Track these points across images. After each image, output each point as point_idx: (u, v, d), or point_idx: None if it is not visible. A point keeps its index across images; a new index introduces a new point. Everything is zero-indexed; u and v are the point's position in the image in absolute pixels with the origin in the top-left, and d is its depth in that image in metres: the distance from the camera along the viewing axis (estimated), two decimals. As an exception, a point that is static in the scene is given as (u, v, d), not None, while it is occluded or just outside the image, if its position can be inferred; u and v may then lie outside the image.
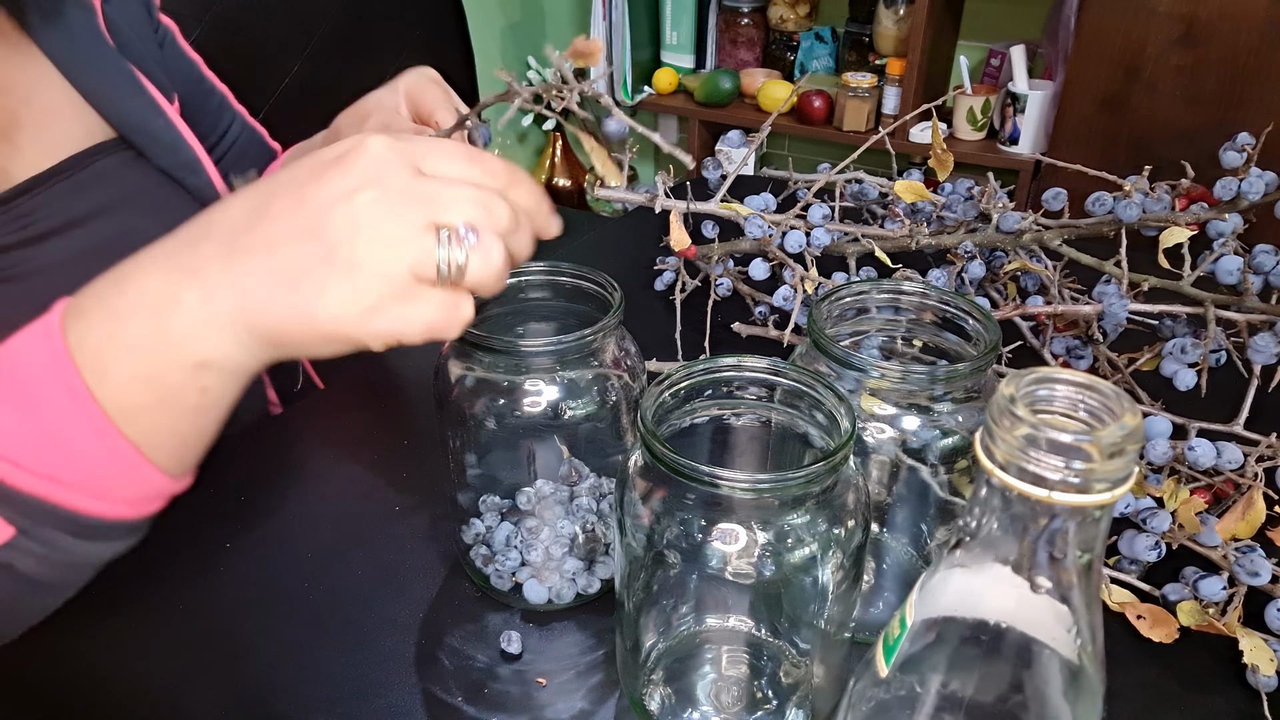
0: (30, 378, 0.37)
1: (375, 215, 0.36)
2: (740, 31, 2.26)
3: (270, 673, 0.50)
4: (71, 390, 0.36)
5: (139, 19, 0.69)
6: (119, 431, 0.37)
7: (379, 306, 0.36)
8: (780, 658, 0.48)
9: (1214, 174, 0.60)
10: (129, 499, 0.39)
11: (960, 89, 1.92)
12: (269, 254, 0.36)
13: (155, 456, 0.38)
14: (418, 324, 0.37)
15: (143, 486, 0.39)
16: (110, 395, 0.37)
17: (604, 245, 1.02)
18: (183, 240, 0.38)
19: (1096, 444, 0.24)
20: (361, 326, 0.36)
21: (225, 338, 0.37)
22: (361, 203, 0.36)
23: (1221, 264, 0.58)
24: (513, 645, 0.51)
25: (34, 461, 0.37)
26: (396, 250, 0.36)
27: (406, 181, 0.37)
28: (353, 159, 0.37)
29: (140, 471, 0.38)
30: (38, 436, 0.37)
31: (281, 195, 0.37)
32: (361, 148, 0.37)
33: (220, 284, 0.36)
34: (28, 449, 0.36)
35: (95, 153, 0.62)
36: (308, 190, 0.37)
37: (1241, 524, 0.52)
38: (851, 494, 0.40)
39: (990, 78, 2.02)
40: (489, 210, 0.38)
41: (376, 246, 0.36)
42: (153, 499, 0.40)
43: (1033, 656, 0.29)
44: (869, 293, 0.52)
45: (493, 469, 0.54)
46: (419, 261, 0.36)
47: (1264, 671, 0.47)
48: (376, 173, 0.37)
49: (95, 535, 0.39)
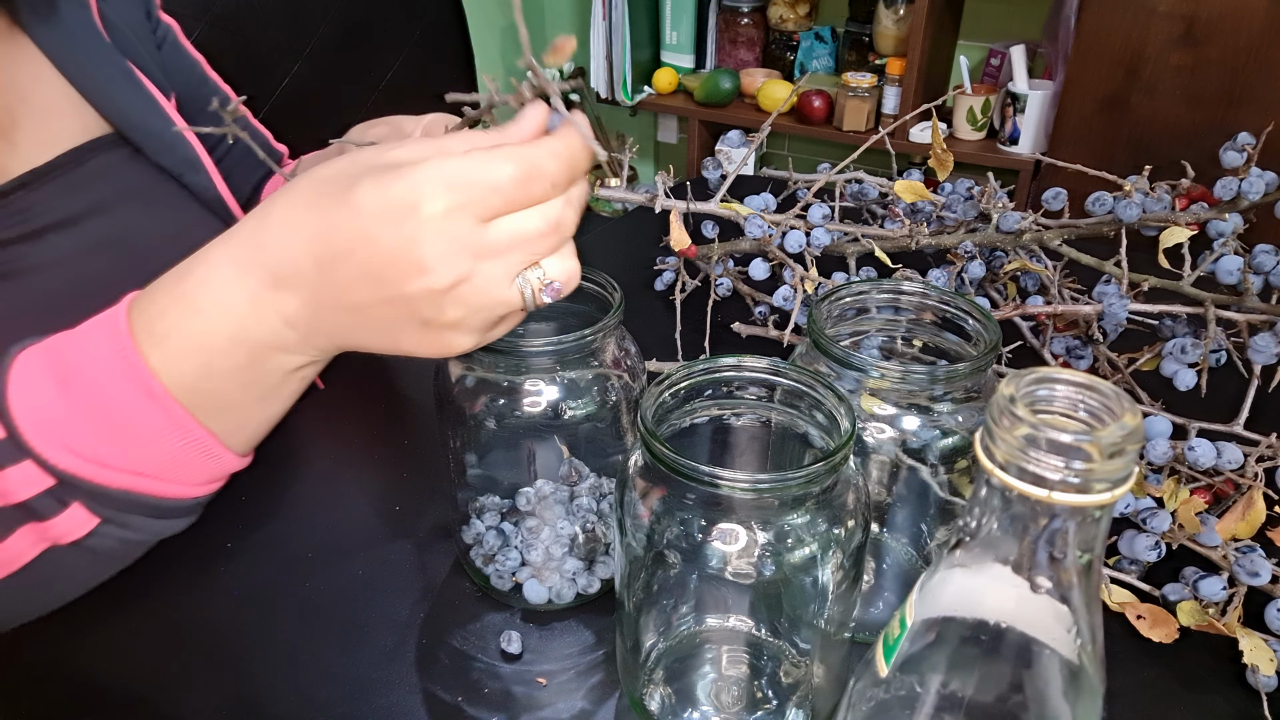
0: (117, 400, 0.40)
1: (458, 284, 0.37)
2: (740, 31, 2.26)
3: (270, 672, 0.50)
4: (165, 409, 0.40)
5: (136, 17, 0.69)
6: (209, 432, 0.41)
7: (474, 345, 0.41)
8: (780, 658, 0.48)
9: (1214, 174, 0.60)
10: (202, 481, 0.44)
11: (960, 89, 1.92)
12: (358, 317, 0.39)
13: (234, 442, 0.43)
14: (497, 335, 0.42)
15: (216, 469, 0.44)
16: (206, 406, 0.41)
17: (604, 245, 1.02)
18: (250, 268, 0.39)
19: (1096, 444, 0.24)
20: (455, 353, 0.41)
21: (319, 357, 0.42)
22: (443, 273, 0.37)
23: (1221, 264, 0.58)
24: (513, 645, 0.51)
25: (119, 459, 0.40)
26: (490, 309, 0.39)
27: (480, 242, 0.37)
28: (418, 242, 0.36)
29: (217, 456, 0.43)
30: (120, 438, 0.40)
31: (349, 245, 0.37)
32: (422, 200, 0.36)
33: (314, 326, 0.40)
34: (113, 449, 0.40)
35: (92, 149, 0.61)
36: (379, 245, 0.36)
37: (1241, 524, 0.52)
38: (851, 494, 0.40)
39: (990, 78, 2.02)
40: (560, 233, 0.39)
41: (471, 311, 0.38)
42: (220, 478, 0.45)
43: (1033, 656, 0.29)
44: (869, 293, 0.52)
45: (493, 469, 0.54)
46: (505, 307, 0.39)
47: (1264, 671, 0.47)
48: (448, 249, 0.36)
49: (170, 514, 0.44)
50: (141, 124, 0.64)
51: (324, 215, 0.38)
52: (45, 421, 0.40)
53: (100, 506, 0.41)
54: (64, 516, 0.41)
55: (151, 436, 0.40)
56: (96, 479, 0.40)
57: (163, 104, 0.66)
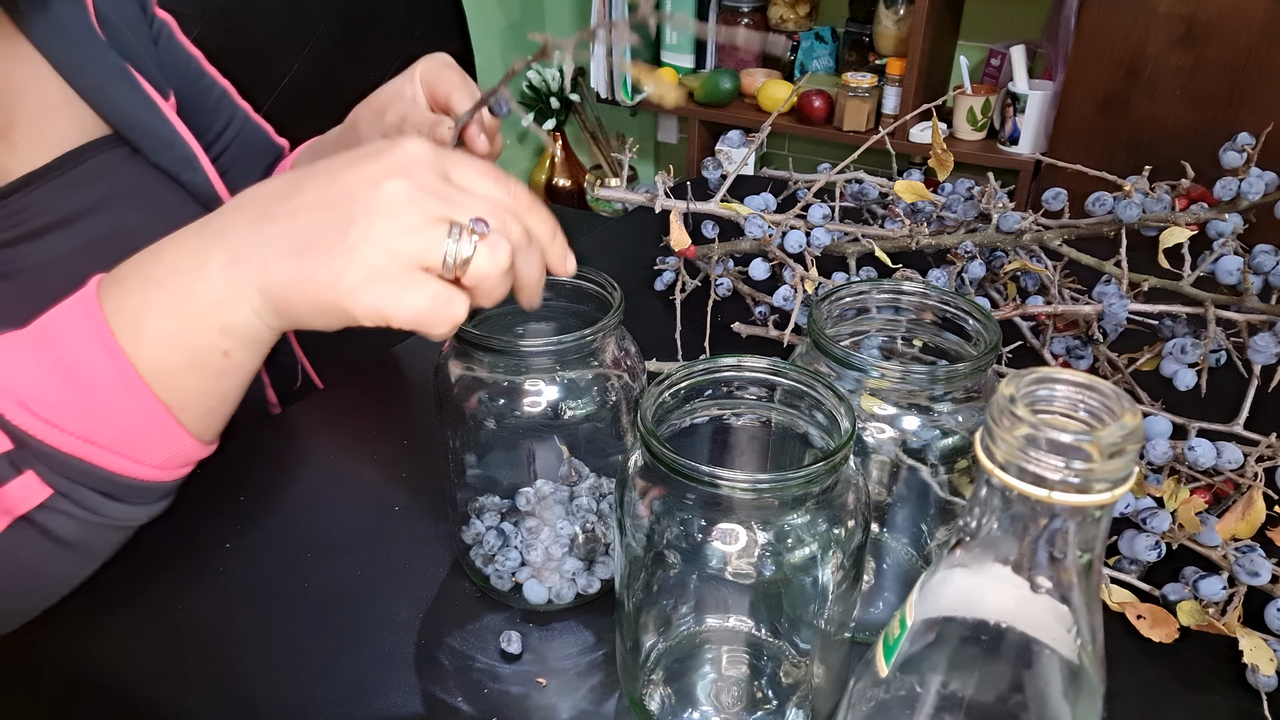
0: (68, 342, 0.39)
1: (394, 201, 0.38)
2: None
3: (270, 672, 0.50)
4: (108, 352, 0.39)
5: (132, 15, 0.69)
6: (152, 393, 0.40)
7: (373, 281, 0.37)
8: (780, 658, 0.48)
9: (1214, 174, 0.60)
10: (160, 462, 0.42)
11: (960, 89, 1.92)
12: (290, 222, 0.39)
13: (185, 419, 0.41)
14: (408, 309, 0.38)
15: (173, 449, 0.42)
16: (144, 357, 0.39)
17: (604, 245, 1.02)
18: (220, 210, 0.41)
19: (1096, 444, 0.24)
20: (353, 297, 0.37)
21: (244, 304, 0.39)
22: (385, 189, 0.38)
23: (1221, 264, 0.58)
24: (513, 645, 0.51)
25: (73, 423, 0.39)
26: (405, 232, 0.38)
27: (433, 180, 0.39)
28: (389, 153, 0.39)
29: (171, 434, 0.41)
30: (76, 399, 0.39)
31: (317, 176, 0.40)
32: (400, 145, 0.40)
33: (242, 247, 0.39)
34: (67, 411, 0.39)
35: (90, 149, 0.61)
36: (341, 174, 0.39)
37: (1241, 524, 0.52)
38: (851, 494, 0.40)
39: (990, 78, 2.02)
40: (503, 221, 0.40)
41: (387, 226, 0.37)
42: (181, 464, 0.43)
43: (1033, 656, 0.29)
44: (869, 293, 0.52)
45: (493, 469, 0.54)
46: (425, 247, 0.38)
47: (1264, 671, 0.47)
48: (407, 167, 0.39)
49: (127, 496, 0.41)
50: (138, 123, 0.64)
51: (299, 169, 0.41)
52: (8, 380, 0.39)
53: (51, 474, 0.39)
54: (17, 483, 0.39)
55: (104, 395, 0.39)
56: (50, 440, 0.39)
57: (159, 103, 0.66)
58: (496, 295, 0.40)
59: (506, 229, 0.40)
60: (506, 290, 0.41)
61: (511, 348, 0.47)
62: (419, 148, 0.40)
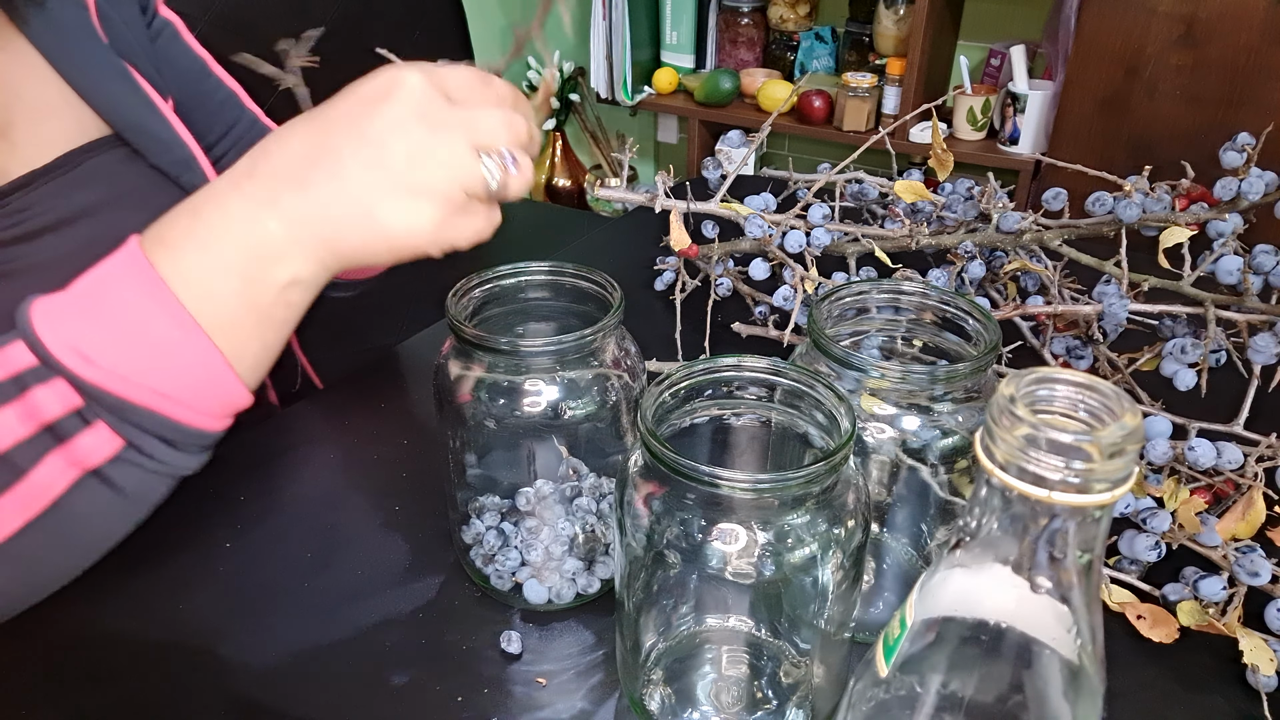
0: (125, 303, 0.41)
1: (430, 145, 0.42)
2: (740, 31, 2.26)
3: (270, 673, 0.50)
4: (169, 311, 0.41)
5: (131, 14, 0.69)
6: (215, 346, 0.42)
7: (443, 223, 0.43)
8: (780, 658, 0.48)
9: (1214, 174, 0.60)
10: (215, 411, 0.44)
11: (960, 89, 1.92)
12: (341, 183, 0.42)
13: (240, 368, 0.43)
14: (470, 233, 0.45)
15: (230, 397, 0.44)
16: (210, 314, 0.42)
17: (604, 245, 1.02)
18: (249, 176, 0.43)
19: (1096, 444, 0.24)
20: (429, 239, 0.43)
21: (309, 258, 0.43)
22: (416, 135, 0.42)
23: (1221, 264, 0.58)
24: (513, 645, 0.51)
25: (140, 375, 0.41)
26: (453, 175, 0.42)
27: (446, 112, 0.43)
28: (396, 94, 0.42)
29: (228, 383, 0.43)
30: (139, 354, 0.41)
31: (338, 130, 0.43)
32: (401, 82, 0.42)
33: (300, 213, 0.42)
34: (132, 364, 0.41)
35: (90, 150, 0.61)
36: (364, 124, 0.42)
37: (1241, 524, 0.52)
38: (851, 494, 0.40)
39: (990, 78, 2.02)
40: (514, 130, 0.44)
41: (434, 172, 0.42)
42: (232, 412, 0.45)
43: (1033, 656, 0.29)
44: (869, 293, 0.52)
45: (493, 469, 0.54)
46: (472, 183, 0.43)
47: (1264, 671, 0.47)
48: (420, 106, 0.42)
49: (187, 445, 0.44)
50: (138, 124, 0.64)
51: (314, 112, 0.44)
52: (70, 339, 0.41)
53: (123, 425, 0.41)
54: (88, 435, 0.41)
55: (166, 349, 0.41)
56: (121, 392, 0.41)
57: (159, 104, 0.66)
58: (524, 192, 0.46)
59: (518, 136, 0.44)
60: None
61: (511, 348, 0.47)
62: (417, 80, 0.42)
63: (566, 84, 2.46)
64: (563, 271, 0.53)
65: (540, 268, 0.53)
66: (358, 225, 0.42)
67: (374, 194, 0.42)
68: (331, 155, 0.42)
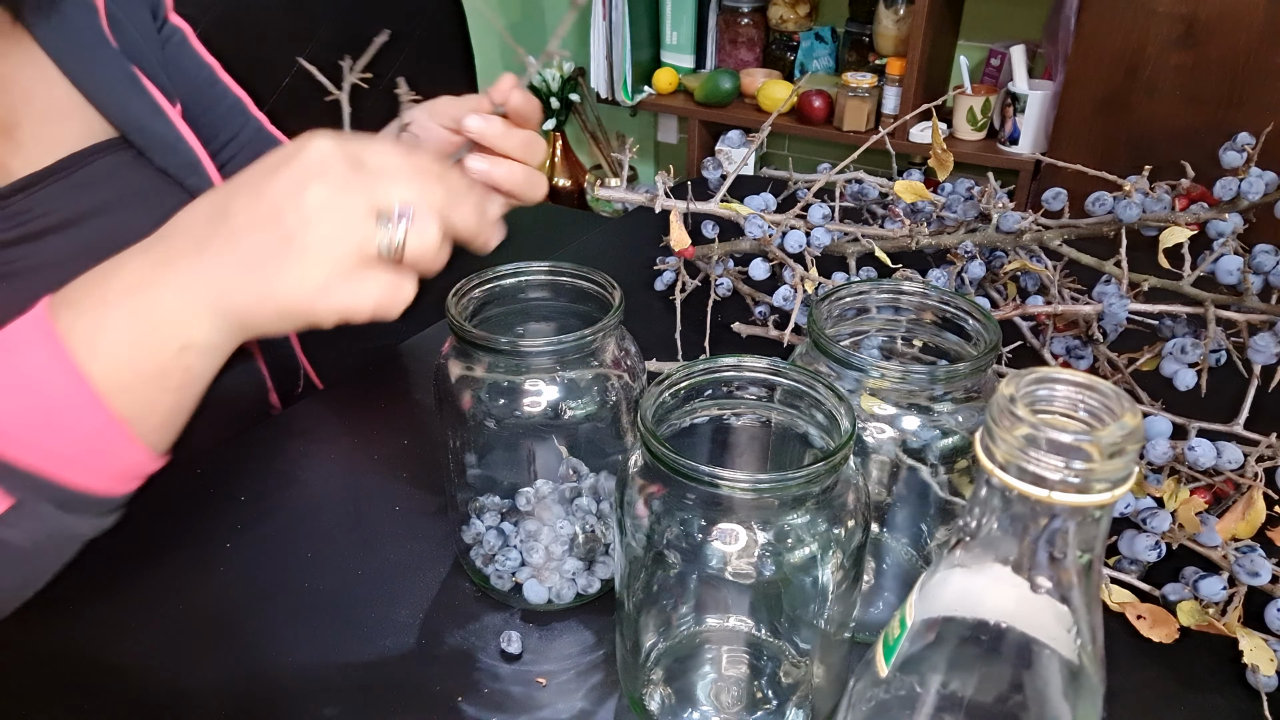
0: (25, 362, 0.40)
1: (322, 205, 0.40)
2: (740, 31, 2.26)
3: (270, 673, 0.50)
4: (66, 371, 0.40)
5: (142, 18, 0.69)
6: (111, 408, 0.40)
7: (329, 286, 0.40)
8: (780, 658, 0.48)
9: (1214, 174, 0.60)
10: (115, 474, 0.42)
11: (960, 89, 1.92)
12: (233, 245, 0.41)
13: (141, 431, 0.42)
14: (365, 302, 0.41)
15: (128, 462, 0.42)
16: (103, 374, 0.40)
17: (604, 245, 1.02)
18: (157, 238, 0.43)
19: (1096, 444, 0.24)
20: (314, 304, 0.41)
21: (202, 322, 0.41)
22: (310, 195, 0.40)
23: (1221, 264, 0.58)
24: (513, 645, 0.51)
25: (33, 438, 0.40)
26: (342, 235, 0.40)
27: (347, 175, 0.41)
28: (299, 158, 0.41)
29: (128, 446, 0.42)
30: (34, 415, 0.40)
31: (239, 195, 0.41)
32: (307, 148, 0.41)
33: (194, 276, 0.41)
34: (24, 426, 0.40)
35: (95, 151, 0.61)
36: (262, 189, 0.41)
37: (1241, 524, 0.52)
38: (851, 494, 0.40)
39: (990, 78, 2.02)
40: (422, 191, 0.42)
41: (325, 232, 0.40)
42: (134, 476, 0.43)
43: (1033, 656, 0.29)
44: (869, 293, 0.52)
45: (493, 469, 0.54)
46: (362, 243, 0.40)
47: (1264, 671, 0.47)
48: (321, 167, 0.40)
49: (81, 509, 0.42)
50: (145, 127, 0.64)
51: (220, 189, 0.43)
52: None
53: (10, 485, 0.40)
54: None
55: (59, 409, 0.40)
56: (4, 452, 0.39)
57: (166, 108, 0.66)
58: (440, 264, 0.43)
59: (429, 198, 0.41)
60: (448, 255, 0.43)
61: (511, 348, 0.47)
62: (324, 144, 0.41)
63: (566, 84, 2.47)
64: (563, 271, 0.53)
65: (540, 268, 0.53)
66: (246, 288, 0.41)
67: (263, 255, 0.40)
68: (228, 219, 0.41)
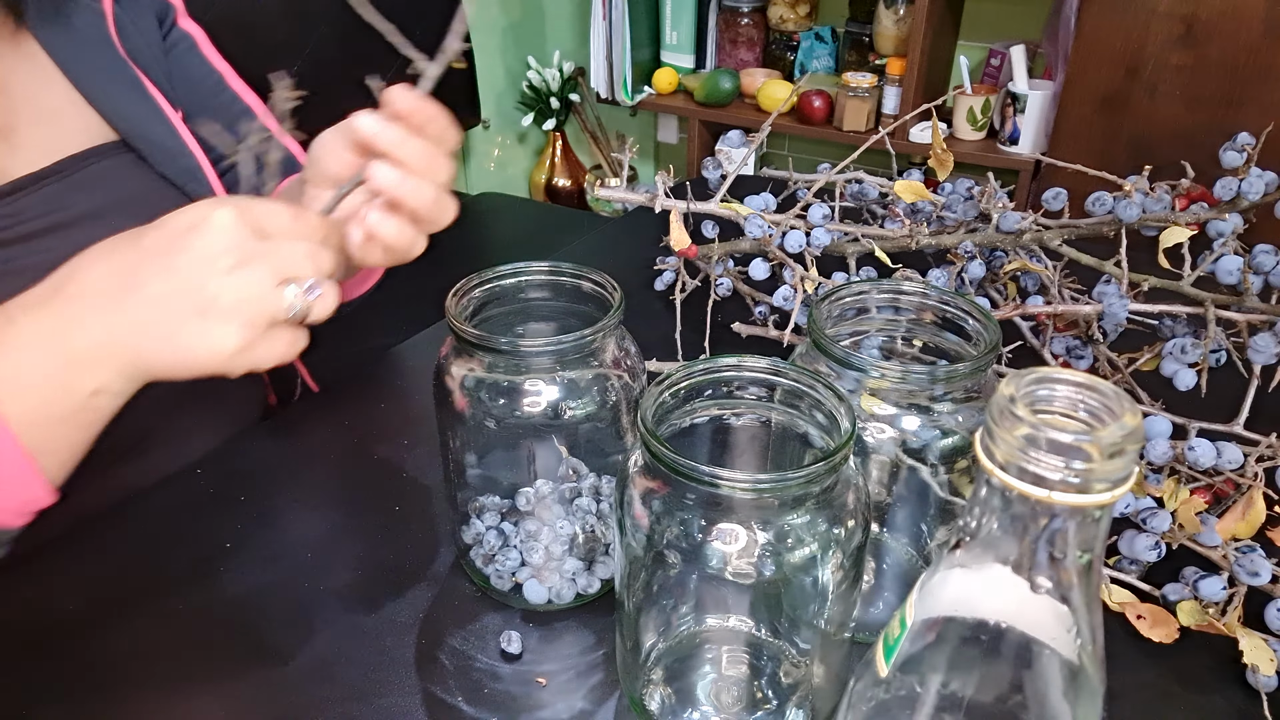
0: None
1: (233, 278, 0.43)
2: (740, 31, 2.26)
3: (270, 673, 0.50)
4: None
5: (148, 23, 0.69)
6: (20, 445, 0.43)
7: (242, 348, 0.44)
8: (780, 658, 0.48)
9: (1214, 174, 0.60)
10: (14, 508, 0.45)
11: (960, 89, 1.92)
12: (150, 310, 0.44)
13: (46, 465, 0.45)
14: (272, 356, 0.46)
15: (29, 495, 0.45)
16: (13, 412, 0.43)
17: (604, 245, 1.02)
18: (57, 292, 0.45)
19: (1096, 444, 0.24)
20: (229, 364, 0.45)
21: (114, 373, 0.44)
22: (222, 267, 0.43)
23: (1221, 264, 0.58)
24: (513, 645, 0.51)
25: None
26: (253, 304, 0.44)
27: (252, 245, 0.44)
28: (205, 229, 0.44)
29: (32, 481, 0.44)
30: None
31: (148, 261, 0.44)
32: (211, 219, 0.44)
33: (108, 332, 0.44)
34: None
35: (94, 154, 0.61)
36: (173, 257, 0.44)
37: (1241, 524, 0.52)
38: (851, 494, 0.40)
39: (990, 78, 2.02)
40: (317, 261, 0.46)
41: (241, 303, 0.44)
42: (28, 510, 0.46)
43: (1033, 656, 0.29)
44: (869, 293, 0.52)
45: (493, 469, 0.54)
46: (276, 312, 0.45)
47: (1264, 671, 0.47)
48: (227, 240, 0.44)
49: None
50: (145, 132, 0.64)
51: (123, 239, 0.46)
52: None
53: None
54: None
55: None
56: None
57: (168, 113, 0.66)
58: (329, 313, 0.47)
59: (323, 266, 0.46)
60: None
61: (511, 348, 0.47)
62: (227, 216, 0.44)
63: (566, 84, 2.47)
64: (563, 271, 0.53)
65: (540, 268, 0.53)
66: (163, 347, 0.44)
67: (180, 321, 0.44)
68: (142, 286, 0.44)
